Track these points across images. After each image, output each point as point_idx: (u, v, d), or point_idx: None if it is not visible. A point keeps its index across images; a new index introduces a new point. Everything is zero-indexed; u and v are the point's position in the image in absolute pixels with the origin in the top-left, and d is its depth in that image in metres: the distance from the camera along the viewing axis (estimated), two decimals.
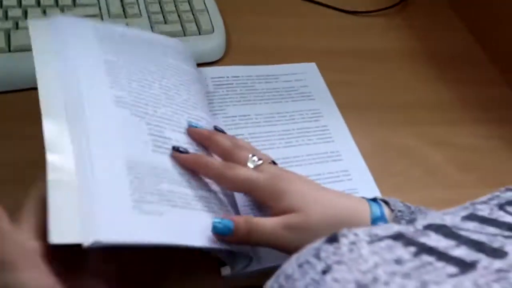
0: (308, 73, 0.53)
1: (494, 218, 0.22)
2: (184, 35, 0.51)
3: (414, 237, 0.21)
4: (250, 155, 0.34)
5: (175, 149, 0.34)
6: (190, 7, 0.54)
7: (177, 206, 0.31)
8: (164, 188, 0.31)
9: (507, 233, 0.21)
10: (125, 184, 0.29)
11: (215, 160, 0.34)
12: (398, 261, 0.19)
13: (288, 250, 0.30)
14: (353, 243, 0.20)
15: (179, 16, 0.52)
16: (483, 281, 0.17)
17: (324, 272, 0.19)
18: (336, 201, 0.33)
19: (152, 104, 0.36)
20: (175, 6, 0.53)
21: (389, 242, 0.21)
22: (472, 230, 0.22)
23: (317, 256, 0.20)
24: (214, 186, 0.35)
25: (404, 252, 0.20)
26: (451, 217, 0.23)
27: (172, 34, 0.51)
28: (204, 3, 0.54)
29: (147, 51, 0.40)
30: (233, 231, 0.30)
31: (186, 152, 0.34)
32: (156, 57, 0.40)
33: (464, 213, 0.23)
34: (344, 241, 0.20)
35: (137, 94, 0.35)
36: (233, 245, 0.31)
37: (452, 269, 0.19)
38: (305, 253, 0.21)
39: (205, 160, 0.34)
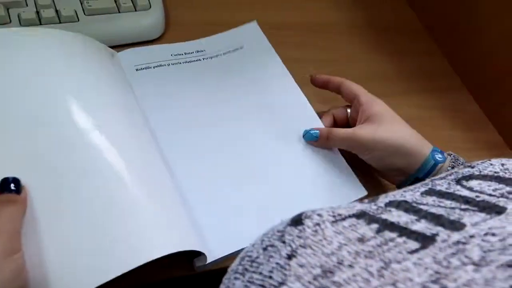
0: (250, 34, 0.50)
1: (451, 192, 0.23)
2: (119, 11, 0.48)
3: (376, 214, 0.21)
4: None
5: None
6: None
7: None
8: None
9: (464, 206, 0.22)
10: None
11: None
12: (361, 240, 0.19)
13: (358, 151, 0.40)
14: (317, 224, 0.20)
15: None
16: (442, 256, 0.18)
17: (290, 257, 0.19)
18: (406, 129, 0.40)
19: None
20: None
21: (353, 220, 0.21)
22: (431, 204, 0.22)
23: (282, 239, 0.20)
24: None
25: (367, 229, 0.20)
26: (411, 194, 0.24)
27: (105, 11, 0.47)
28: None
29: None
30: (318, 138, 0.42)
31: None
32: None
33: (423, 189, 0.24)
34: (308, 223, 0.20)
35: None
36: None
37: (413, 244, 0.19)
38: (270, 236, 0.20)
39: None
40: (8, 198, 0.27)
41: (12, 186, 0.27)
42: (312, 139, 0.42)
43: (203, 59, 0.47)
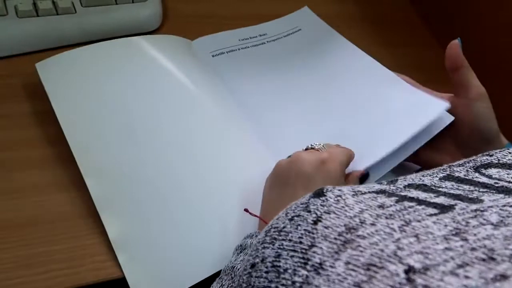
0: (305, 20, 0.53)
1: (470, 179, 0.24)
2: (116, 3, 0.48)
3: (396, 191, 0.22)
4: None
5: None
6: None
7: None
8: None
9: (482, 189, 0.22)
10: None
11: None
12: (382, 206, 0.20)
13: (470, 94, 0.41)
14: (338, 196, 0.21)
15: None
16: (461, 218, 0.19)
17: (315, 222, 0.20)
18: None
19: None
20: None
21: (372, 195, 0.22)
22: (449, 187, 0.23)
23: (307, 209, 0.21)
24: None
25: (386, 200, 0.21)
26: (429, 178, 0.24)
27: (102, 2, 0.47)
28: None
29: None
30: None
31: None
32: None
33: (442, 174, 0.25)
34: (330, 195, 0.21)
35: None
36: None
37: (432, 210, 0.20)
38: (294, 208, 0.21)
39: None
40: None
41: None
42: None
43: (267, 41, 0.50)
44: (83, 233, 0.34)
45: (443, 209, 0.20)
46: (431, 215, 0.19)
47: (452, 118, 0.41)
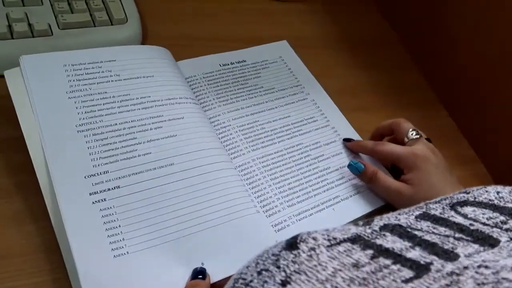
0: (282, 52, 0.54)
1: (445, 218, 0.23)
2: (94, 25, 0.47)
3: (371, 238, 0.21)
4: (410, 129, 0.43)
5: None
6: None
7: None
8: None
9: (457, 234, 0.22)
10: None
11: (368, 142, 0.45)
12: (356, 265, 0.19)
13: (396, 207, 0.40)
14: (312, 249, 0.20)
15: (87, 4, 0.48)
16: (436, 287, 0.18)
17: (284, 283, 0.18)
18: (444, 192, 0.38)
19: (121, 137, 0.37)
20: None
21: (348, 245, 0.21)
22: (425, 230, 0.22)
23: (277, 264, 0.19)
24: None
25: (362, 255, 0.20)
26: (405, 217, 0.24)
27: (80, 25, 0.46)
28: None
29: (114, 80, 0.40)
30: (362, 172, 0.42)
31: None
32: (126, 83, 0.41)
33: (418, 212, 0.24)
34: (303, 247, 0.20)
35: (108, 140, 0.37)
36: None
37: (407, 272, 0.19)
38: (264, 259, 0.20)
39: (361, 142, 0.46)
40: (196, 283, 0.32)
41: (199, 275, 0.32)
42: (354, 172, 0.42)
43: (246, 69, 0.51)
44: (48, 267, 0.33)
45: (419, 270, 0.19)
46: (406, 281, 0.18)
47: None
